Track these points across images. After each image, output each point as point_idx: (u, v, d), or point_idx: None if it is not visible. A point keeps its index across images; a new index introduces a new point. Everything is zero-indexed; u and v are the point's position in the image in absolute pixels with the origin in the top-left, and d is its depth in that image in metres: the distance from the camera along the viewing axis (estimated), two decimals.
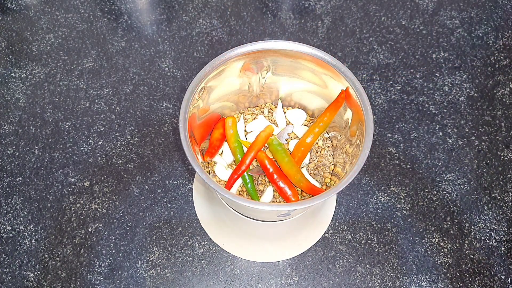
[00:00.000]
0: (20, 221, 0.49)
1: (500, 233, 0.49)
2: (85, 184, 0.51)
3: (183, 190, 0.51)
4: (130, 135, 0.53)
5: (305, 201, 0.35)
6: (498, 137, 0.54)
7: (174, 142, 0.53)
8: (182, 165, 0.52)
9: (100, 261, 0.47)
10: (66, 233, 0.49)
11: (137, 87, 0.56)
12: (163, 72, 0.57)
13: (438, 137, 0.54)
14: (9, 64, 0.58)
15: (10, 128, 0.54)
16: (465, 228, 0.49)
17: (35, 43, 0.59)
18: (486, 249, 0.48)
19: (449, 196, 0.51)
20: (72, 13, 0.62)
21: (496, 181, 0.52)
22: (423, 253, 0.48)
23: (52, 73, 0.57)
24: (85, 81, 0.57)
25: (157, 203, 0.50)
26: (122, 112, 0.55)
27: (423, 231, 0.49)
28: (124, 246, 0.48)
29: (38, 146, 0.53)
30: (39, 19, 0.61)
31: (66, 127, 0.54)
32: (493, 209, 0.50)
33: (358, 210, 0.50)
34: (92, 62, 0.58)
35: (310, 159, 0.47)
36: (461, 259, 0.48)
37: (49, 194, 0.50)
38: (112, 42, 0.59)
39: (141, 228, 0.49)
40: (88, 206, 0.50)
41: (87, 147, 0.53)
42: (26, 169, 0.52)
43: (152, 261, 0.48)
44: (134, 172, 0.52)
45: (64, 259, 0.47)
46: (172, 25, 0.61)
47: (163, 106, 0.55)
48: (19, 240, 0.48)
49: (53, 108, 0.55)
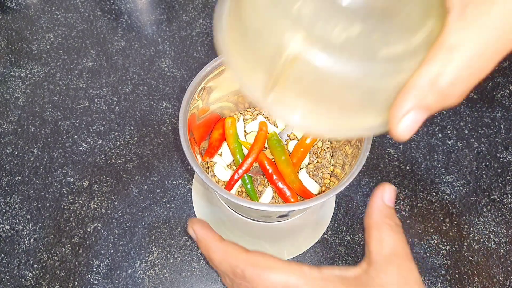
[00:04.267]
0: (19, 221, 0.49)
1: (499, 235, 0.49)
2: (84, 183, 0.51)
3: (182, 190, 0.51)
4: (129, 135, 0.53)
5: (304, 202, 0.35)
6: (497, 139, 0.54)
7: (174, 142, 0.53)
8: (181, 165, 0.52)
9: (98, 260, 0.47)
10: (65, 233, 0.48)
11: (137, 87, 0.56)
12: (163, 72, 0.57)
13: (437, 139, 0.54)
14: (8, 63, 0.58)
15: (9, 127, 0.54)
16: (464, 229, 0.49)
17: (35, 42, 0.59)
18: (485, 251, 0.48)
19: (448, 197, 0.51)
20: (72, 13, 0.62)
21: (495, 183, 0.52)
22: (422, 255, 0.48)
23: (52, 72, 0.57)
24: (85, 81, 0.57)
25: (156, 203, 0.50)
26: (122, 111, 0.55)
27: (422, 233, 0.49)
28: (123, 246, 0.48)
29: (37, 145, 0.53)
30: (39, 18, 0.61)
31: (65, 127, 0.54)
32: (492, 211, 0.50)
33: (357, 211, 0.50)
34: (91, 61, 0.58)
35: (309, 160, 0.47)
36: (460, 261, 0.48)
37: (48, 193, 0.50)
38: (112, 41, 0.59)
39: (140, 228, 0.49)
40: (87, 205, 0.50)
41: (86, 146, 0.53)
42: (25, 168, 0.51)
43: (151, 261, 0.47)
44: (133, 172, 0.51)
45: (62, 259, 0.47)
46: (172, 25, 0.61)
47: (163, 106, 0.55)
48: (17, 240, 0.48)
49: (53, 107, 0.55)
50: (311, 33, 0.19)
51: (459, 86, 0.19)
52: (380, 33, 0.20)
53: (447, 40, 0.18)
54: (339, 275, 0.28)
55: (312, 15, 0.20)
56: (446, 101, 0.20)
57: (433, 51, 0.19)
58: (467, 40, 0.18)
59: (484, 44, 0.18)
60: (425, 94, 0.19)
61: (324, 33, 0.20)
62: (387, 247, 0.28)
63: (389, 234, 0.29)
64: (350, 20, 0.20)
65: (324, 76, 0.20)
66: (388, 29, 0.20)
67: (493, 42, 0.18)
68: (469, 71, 0.19)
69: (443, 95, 0.19)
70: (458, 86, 0.19)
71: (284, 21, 0.20)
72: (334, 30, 0.20)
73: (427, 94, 0.20)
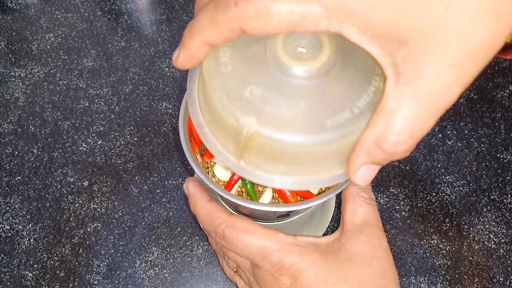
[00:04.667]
0: (19, 221, 0.49)
1: (499, 235, 0.49)
2: (84, 183, 0.51)
3: (182, 191, 0.51)
4: (129, 135, 0.53)
5: (304, 202, 0.35)
6: (497, 139, 0.54)
7: (174, 142, 0.53)
8: (182, 165, 0.52)
9: (98, 261, 0.47)
10: (65, 233, 0.48)
11: (137, 87, 0.56)
12: (163, 72, 0.57)
13: (437, 139, 0.54)
14: (8, 63, 0.58)
15: (9, 127, 0.54)
16: (464, 230, 0.49)
17: (35, 42, 0.59)
18: (484, 251, 0.48)
19: (448, 197, 0.51)
20: (72, 13, 0.62)
21: (495, 183, 0.52)
22: (422, 255, 0.48)
23: (52, 72, 0.57)
24: (85, 81, 0.57)
25: (156, 203, 0.50)
26: (122, 112, 0.55)
27: (422, 233, 0.49)
28: (123, 246, 0.48)
29: (37, 146, 0.53)
30: (39, 19, 0.61)
31: (65, 127, 0.54)
32: (492, 211, 0.50)
33: None
34: (91, 61, 0.58)
35: None
36: (459, 261, 0.48)
37: (48, 193, 0.50)
38: (112, 42, 0.59)
39: (140, 228, 0.49)
40: (87, 206, 0.50)
41: (86, 146, 0.53)
42: (25, 169, 0.51)
43: (151, 261, 0.47)
44: (133, 172, 0.51)
45: (62, 259, 0.47)
46: (172, 25, 0.61)
47: (163, 106, 0.55)
48: (17, 240, 0.48)
49: (53, 107, 0.55)
50: (262, 116, 0.23)
51: (401, 146, 0.21)
52: (324, 106, 0.23)
53: (386, 105, 0.21)
54: (312, 242, 0.30)
55: (260, 100, 0.23)
56: (393, 157, 0.22)
57: (375, 115, 0.21)
58: (403, 105, 0.20)
59: (419, 108, 0.20)
60: (372, 153, 0.22)
61: (274, 114, 0.23)
62: (359, 217, 0.31)
63: (362, 206, 0.32)
64: (294, 100, 0.23)
65: (281, 146, 0.23)
66: (332, 100, 0.23)
67: (426, 106, 0.20)
68: (408, 132, 0.21)
69: (388, 154, 0.22)
70: (400, 146, 0.21)
71: (238, 110, 0.23)
72: (282, 110, 0.22)
73: (374, 153, 0.22)
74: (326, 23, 0.19)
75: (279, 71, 0.23)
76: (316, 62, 0.23)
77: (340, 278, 0.29)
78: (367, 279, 0.29)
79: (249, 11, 0.19)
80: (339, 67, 0.24)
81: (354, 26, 0.19)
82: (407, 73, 0.20)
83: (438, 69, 0.19)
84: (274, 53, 0.23)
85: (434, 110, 0.20)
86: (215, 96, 0.24)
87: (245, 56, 0.24)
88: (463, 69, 0.19)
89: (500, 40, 0.19)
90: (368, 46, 0.20)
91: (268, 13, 0.19)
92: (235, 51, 0.24)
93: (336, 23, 0.19)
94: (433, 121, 0.21)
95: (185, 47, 0.22)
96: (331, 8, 0.19)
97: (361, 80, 0.23)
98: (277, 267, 0.29)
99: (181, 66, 0.23)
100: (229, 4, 0.20)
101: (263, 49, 0.24)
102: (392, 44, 0.19)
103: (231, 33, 0.21)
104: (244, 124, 0.23)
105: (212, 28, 0.21)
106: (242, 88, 0.23)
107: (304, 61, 0.23)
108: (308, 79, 0.23)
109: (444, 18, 0.18)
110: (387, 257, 0.31)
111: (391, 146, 0.21)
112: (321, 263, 0.29)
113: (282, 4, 0.19)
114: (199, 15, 0.21)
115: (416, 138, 0.21)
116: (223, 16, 0.20)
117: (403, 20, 0.18)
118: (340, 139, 0.23)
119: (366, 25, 0.19)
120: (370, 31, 0.19)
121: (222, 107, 0.23)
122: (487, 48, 0.19)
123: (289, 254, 0.29)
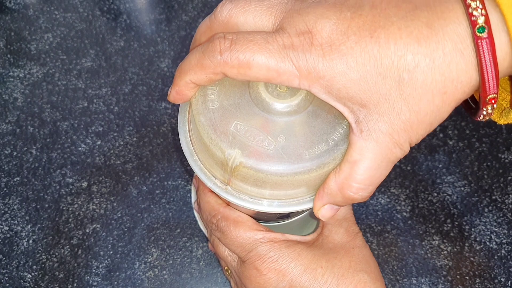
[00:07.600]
0: (18, 222, 0.49)
1: (501, 236, 0.49)
2: (83, 184, 0.51)
3: (181, 191, 0.50)
4: (128, 135, 0.53)
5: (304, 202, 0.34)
6: (498, 139, 0.54)
7: (173, 143, 0.53)
8: (181, 166, 0.52)
9: (97, 262, 0.47)
10: (64, 234, 0.48)
11: (136, 87, 0.56)
12: (162, 72, 0.57)
13: (438, 139, 0.54)
14: (7, 63, 0.58)
15: (7, 127, 0.54)
16: (465, 230, 0.49)
17: (34, 42, 0.59)
18: (486, 252, 0.48)
19: (449, 198, 0.51)
20: (71, 13, 0.61)
21: (497, 184, 0.51)
22: (423, 256, 0.48)
23: (51, 72, 0.57)
24: (84, 81, 0.56)
25: (155, 204, 0.50)
26: (121, 112, 0.55)
27: (423, 233, 0.49)
28: (122, 247, 0.48)
29: (36, 146, 0.52)
30: (38, 18, 0.61)
31: (64, 127, 0.54)
32: (493, 212, 0.50)
33: (358, 212, 0.50)
34: (90, 61, 0.58)
35: None
36: (461, 262, 0.48)
37: (46, 194, 0.50)
38: (111, 41, 0.59)
39: (139, 229, 0.49)
40: (86, 206, 0.49)
41: (85, 147, 0.52)
42: (24, 169, 0.51)
43: (150, 262, 0.47)
44: (132, 172, 0.51)
45: (61, 260, 0.47)
46: (172, 25, 0.61)
47: (162, 107, 0.55)
48: (16, 241, 0.48)
49: (51, 107, 0.55)
50: (246, 149, 0.26)
51: (361, 192, 0.25)
52: (302, 139, 0.26)
53: (351, 155, 0.24)
54: (298, 239, 0.33)
55: (244, 134, 0.26)
56: (353, 201, 0.26)
57: (342, 163, 0.25)
58: (365, 158, 0.24)
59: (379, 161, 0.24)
60: (335, 197, 0.26)
61: (256, 147, 0.26)
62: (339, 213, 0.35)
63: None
64: (275, 134, 0.26)
65: (263, 176, 0.26)
66: (309, 134, 0.26)
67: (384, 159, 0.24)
68: (368, 181, 0.25)
69: (350, 199, 0.25)
70: (361, 192, 0.25)
71: (224, 143, 0.26)
72: (263, 143, 0.26)
73: (336, 197, 0.26)
74: (297, 81, 0.23)
75: (261, 108, 0.26)
76: (294, 99, 0.26)
77: (328, 267, 0.31)
78: (353, 265, 0.32)
79: (232, 61, 0.22)
80: (315, 104, 0.27)
81: (322, 88, 0.22)
82: (367, 130, 0.23)
83: (393, 131, 0.23)
84: (257, 92, 0.27)
85: (391, 162, 0.25)
86: (203, 130, 0.26)
87: (230, 94, 0.27)
88: (413, 132, 0.23)
89: (444, 114, 0.23)
90: (335, 104, 0.23)
91: (248, 65, 0.22)
92: (221, 89, 0.27)
93: (306, 83, 0.23)
94: (390, 169, 0.25)
95: (175, 85, 0.26)
96: (303, 70, 0.22)
97: (336, 114, 0.26)
98: (264, 259, 0.31)
99: (173, 101, 0.27)
100: (215, 52, 0.23)
101: (247, 88, 0.27)
102: (354, 105, 0.23)
103: (215, 76, 0.24)
104: (229, 157, 0.25)
105: (199, 70, 0.24)
106: (228, 123, 0.26)
107: (283, 98, 0.26)
108: (287, 115, 0.26)
109: (397, 90, 0.21)
110: (365, 246, 0.34)
111: (353, 193, 0.25)
112: (308, 254, 0.32)
113: (261, 60, 0.22)
114: (189, 56, 0.25)
115: (375, 184, 0.25)
116: (208, 61, 0.23)
117: (363, 88, 0.22)
118: (317, 169, 0.26)
119: (332, 88, 0.22)
120: (335, 94, 0.23)
121: (209, 140, 0.26)
122: (434, 119, 0.23)
123: (276, 246, 0.31)
